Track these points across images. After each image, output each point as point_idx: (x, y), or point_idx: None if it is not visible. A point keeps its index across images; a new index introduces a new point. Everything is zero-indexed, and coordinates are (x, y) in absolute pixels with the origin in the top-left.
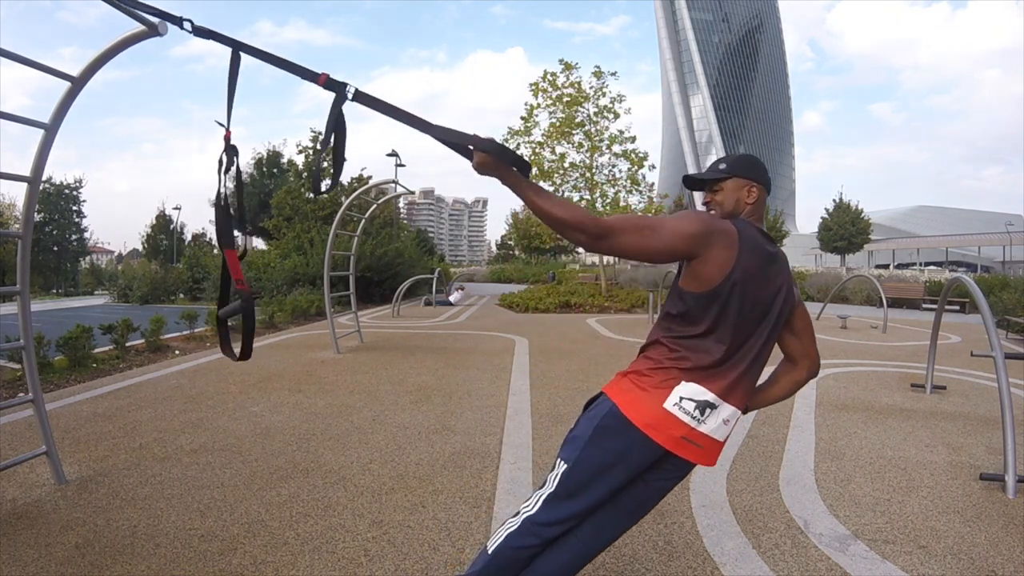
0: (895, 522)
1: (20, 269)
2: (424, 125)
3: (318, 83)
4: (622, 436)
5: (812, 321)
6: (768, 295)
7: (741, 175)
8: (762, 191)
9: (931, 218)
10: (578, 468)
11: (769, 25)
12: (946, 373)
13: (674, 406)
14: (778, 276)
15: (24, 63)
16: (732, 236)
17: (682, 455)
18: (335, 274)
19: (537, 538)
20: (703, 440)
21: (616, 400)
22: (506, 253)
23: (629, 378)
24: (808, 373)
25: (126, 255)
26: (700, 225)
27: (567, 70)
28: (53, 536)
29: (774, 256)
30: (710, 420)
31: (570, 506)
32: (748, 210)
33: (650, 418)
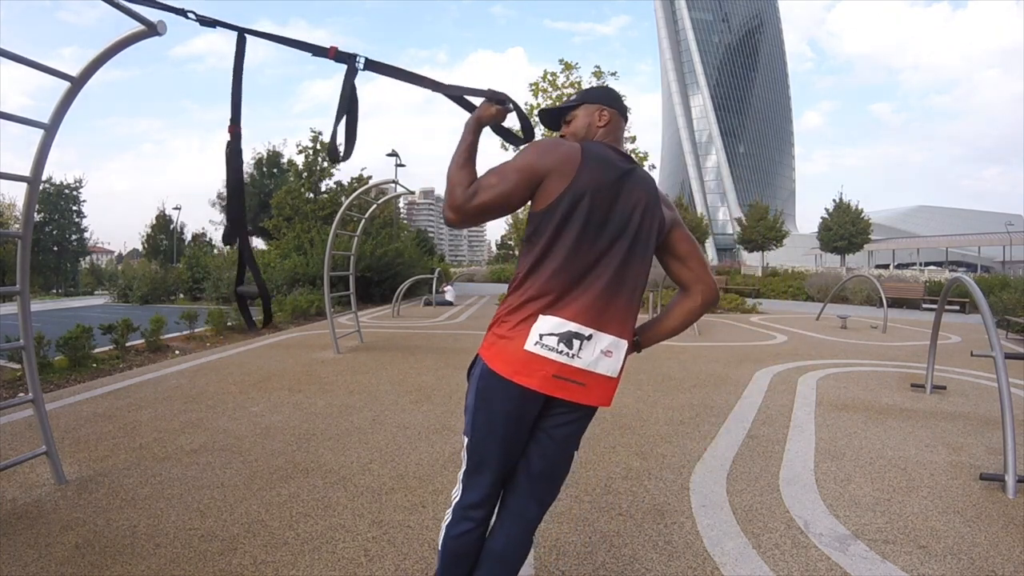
0: (895, 522)
1: (20, 269)
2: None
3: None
4: (498, 392)
5: (699, 246)
6: (621, 210)
7: (591, 101)
8: (614, 114)
9: (931, 218)
10: (475, 436)
11: (769, 25)
12: (946, 373)
13: (535, 345)
14: (635, 193)
15: (24, 63)
16: (573, 151)
17: (563, 396)
18: (335, 274)
19: (471, 521)
20: (582, 376)
21: (484, 357)
22: (506, 253)
23: (492, 331)
24: (703, 299)
25: (126, 255)
26: (538, 148)
27: (567, 70)
28: (53, 536)
29: (628, 172)
30: (584, 352)
31: (483, 478)
32: (600, 133)
33: (516, 364)
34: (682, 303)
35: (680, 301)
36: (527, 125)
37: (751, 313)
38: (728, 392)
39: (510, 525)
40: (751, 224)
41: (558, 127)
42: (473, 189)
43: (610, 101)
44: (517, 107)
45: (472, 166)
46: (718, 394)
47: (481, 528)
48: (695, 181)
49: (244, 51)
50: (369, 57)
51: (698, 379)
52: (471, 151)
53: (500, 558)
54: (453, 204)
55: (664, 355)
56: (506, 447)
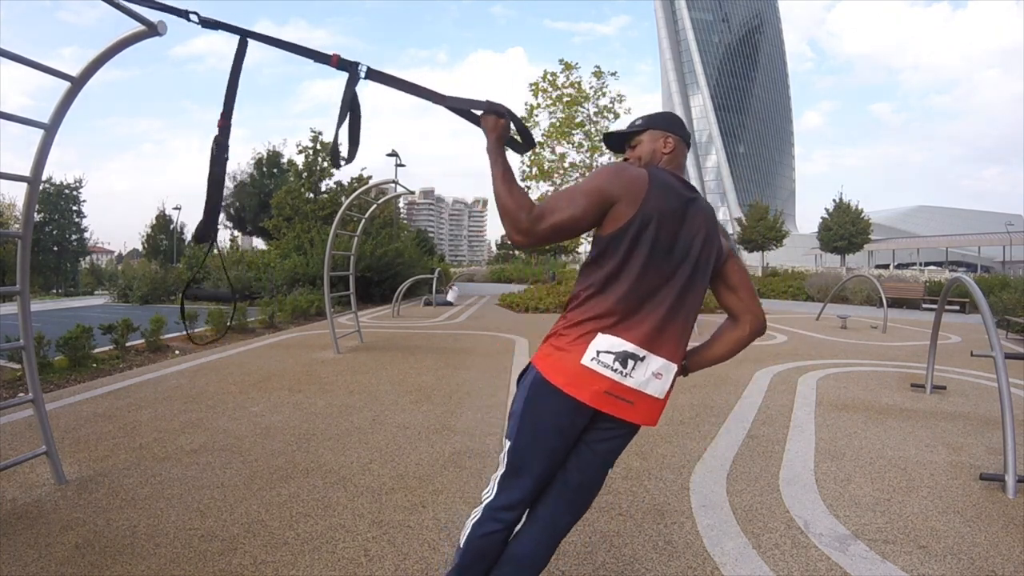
0: (895, 522)
1: (20, 269)
2: (437, 96)
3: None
4: (549, 401)
5: (750, 276)
6: (685, 237)
7: (656, 127)
8: (679, 142)
9: (931, 218)
10: (519, 442)
11: (769, 25)
12: (946, 373)
13: (592, 360)
14: (696, 219)
15: (24, 63)
16: (641, 177)
17: (611, 412)
18: (335, 274)
19: (500, 523)
20: (632, 395)
21: (539, 366)
22: (506, 253)
23: (549, 342)
24: (751, 330)
25: (126, 255)
26: (608, 173)
27: (567, 70)
28: (53, 536)
29: (691, 200)
30: (636, 373)
31: (521, 483)
32: (665, 159)
33: (571, 377)
34: (731, 332)
35: (729, 329)
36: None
37: None
38: (728, 392)
39: (539, 532)
40: (751, 224)
41: (622, 150)
42: (539, 211)
43: (675, 128)
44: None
45: (519, 186)
46: (718, 394)
47: (508, 531)
48: (695, 181)
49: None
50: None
51: (698, 379)
52: (510, 171)
53: (524, 564)
54: (521, 228)
55: None
56: (549, 456)
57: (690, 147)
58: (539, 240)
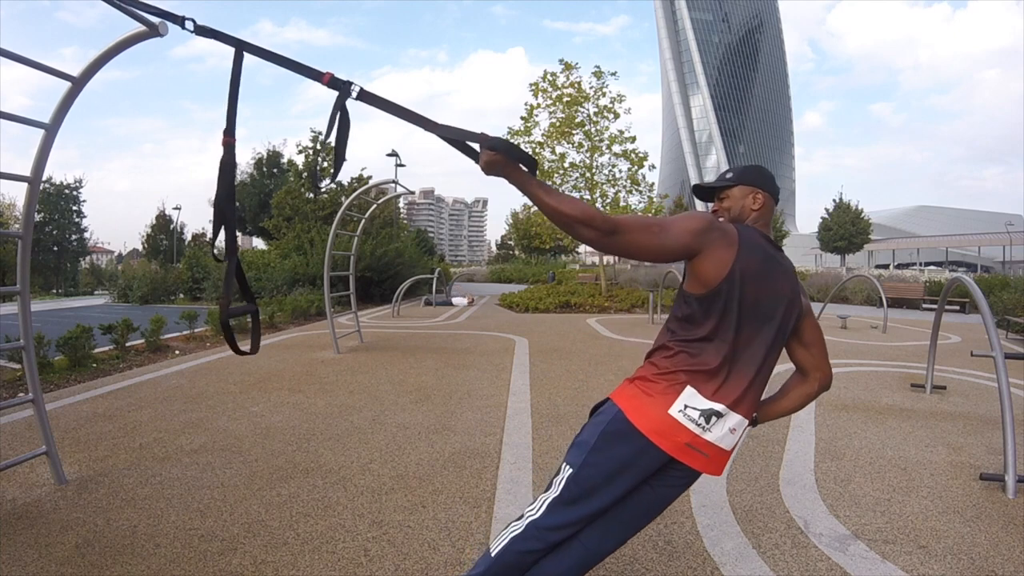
0: (895, 522)
1: (20, 269)
2: (429, 124)
3: (322, 82)
4: (628, 442)
5: (823, 335)
6: (772, 298)
7: (747, 183)
8: (768, 198)
9: (931, 218)
10: (583, 473)
11: (769, 25)
12: (946, 373)
13: (679, 413)
14: (783, 280)
15: (24, 63)
16: (732, 235)
17: (687, 462)
18: (335, 274)
19: (541, 542)
20: (708, 448)
21: (622, 406)
22: (506, 253)
23: (636, 384)
24: (820, 386)
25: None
26: (703, 222)
27: (567, 70)
28: (53, 536)
29: (778, 261)
30: (716, 428)
31: (574, 511)
32: (753, 216)
33: (655, 424)
34: (800, 387)
35: (798, 385)
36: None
37: None
38: None
39: (575, 557)
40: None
41: (711, 200)
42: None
43: (766, 185)
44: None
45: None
46: None
47: (544, 553)
48: (695, 181)
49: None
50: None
51: None
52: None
53: None
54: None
55: None
56: (612, 492)
57: (778, 202)
58: (617, 248)
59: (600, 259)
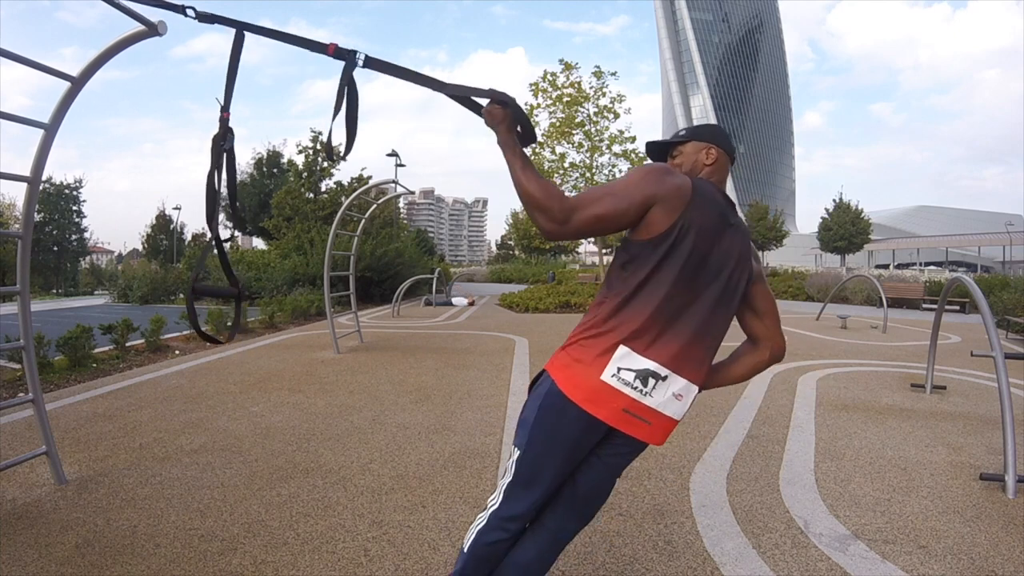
0: (895, 522)
1: (20, 269)
2: (437, 84)
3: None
4: (564, 414)
5: (777, 304)
6: (719, 256)
7: (700, 138)
8: (722, 154)
9: (931, 218)
10: (529, 452)
11: (769, 25)
12: (946, 373)
13: (612, 377)
14: (733, 241)
15: (24, 63)
16: (685, 186)
17: (627, 431)
18: (335, 274)
19: (505, 531)
20: (650, 415)
21: (555, 376)
22: (506, 253)
23: (567, 351)
24: (771, 356)
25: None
26: (653, 173)
27: (567, 70)
28: (53, 536)
29: (731, 219)
30: (657, 392)
31: (529, 494)
32: (707, 171)
33: (588, 392)
34: (751, 355)
35: (749, 352)
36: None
37: None
38: (728, 392)
39: (543, 541)
40: (751, 224)
41: (664, 159)
42: (576, 202)
43: (719, 140)
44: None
45: (542, 176)
46: (718, 394)
47: (513, 540)
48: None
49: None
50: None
51: None
52: (529, 161)
53: (527, 570)
54: (554, 217)
55: None
56: (560, 468)
57: (734, 161)
58: (574, 231)
59: (600, 259)
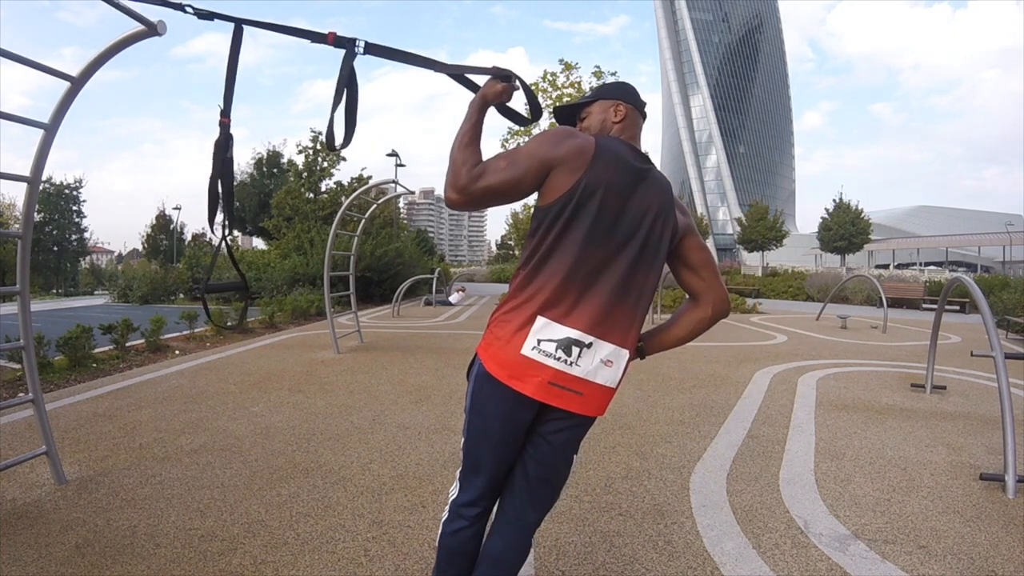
0: (895, 522)
1: (20, 269)
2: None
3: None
4: (492, 394)
5: (713, 256)
6: (633, 211)
7: (606, 96)
8: (631, 110)
9: (931, 218)
10: (470, 437)
11: (769, 25)
12: (946, 373)
13: (533, 350)
14: (648, 195)
15: (24, 63)
16: (587, 144)
17: (557, 404)
18: (335, 274)
19: (463, 519)
20: (580, 385)
21: (481, 357)
22: (506, 253)
23: (489, 329)
24: (714, 310)
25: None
26: (551, 136)
27: (567, 70)
28: (53, 536)
29: (642, 172)
30: (583, 361)
31: (478, 480)
32: (617, 128)
33: (511, 368)
34: (692, 312)
35: (690, 310)
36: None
37: (751, 313)
38: (728, 392)
39: (507, 529)
40: (751, 224)
41: (574, 124)
42: (479, 170)
43: (626, 96)
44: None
45: (477, 146)
46: (718, 394)
47: (475, 527)
48: (695, 181)
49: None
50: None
51: (698, 379)
52: (476, 131)
53: (497, 561)
54: (456, 185)
55: (664, 355)
56: (499, 450)
57: (645, 117)
58: (474, 199)
59: None
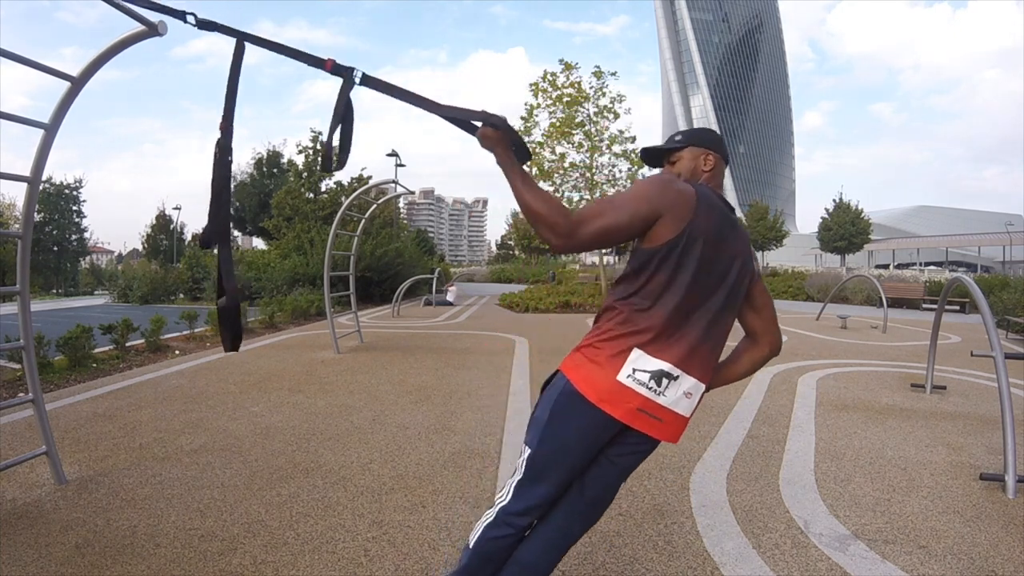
0: (895, 522)
1: (20, 269)
2: (431, 105)
3: (325, 69)
4: (578, 413)
5: (773, 299)
6: (725, 259)
7: (697, 144)
8: (719, 159)
9: (931, 218)
10: (540, 450)
11: (769, 25)
12: (946, 373)
13: (628, 378)
14: (736, 242)
15: (24, 63)
16: (688, 194)
17: (641, 429)
18: (335, 274)
19: (511, 527)
20: (663, 413)
21: (570, 376)
22: (506, 253)
23: (582, 352)
24: (769, 351)
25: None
26: (656, 184)
27: (567, 70)
28: (53, 536)
29: (733, 222)
30: (669, 392)
31: (538, 492)
32: (705, 177)
33: (604, 392)
34: (750, 351)
35: (748, 349)
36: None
37: None
38: (728, 392)
39: (547, 540)
40: (751, 224)
41: (660, 165)
42: (581, 215)
43: (716, 146)
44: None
45: (544, 190)
46: (718, 394)
47: (519, 536)
48: None
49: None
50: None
51: None
52: (526, 176)
53: (528, 568)
54: (560, 231)
55: None
56: (571, 466)
57: (728, 164)
58: (580, 245)
59: (600, 259)
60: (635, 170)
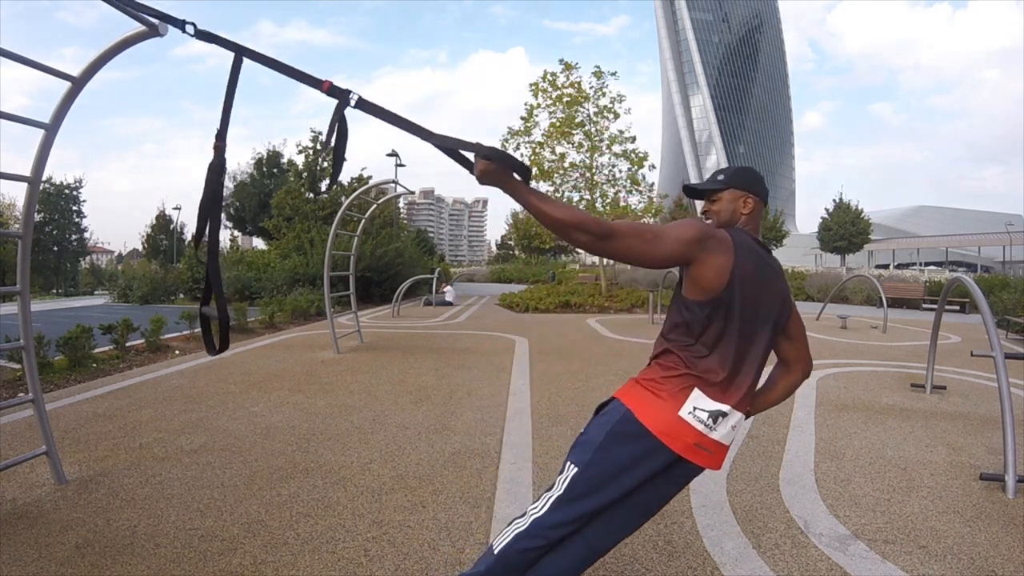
0: (895, 522)
1: (20, 269)
2: (425, 133)
3: (322, 90)
4: (637, 441)
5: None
6: (768, 300)
7: (737, 187)
8: (758, 203)
9: (931, 218)
10: (589, 471)
11: (769, 25)
12: (946, 373)
13: (688, 414)
14: (776, 281)
15: (24, 63)
16: (727, 242)
17: (695, 461)
18: (335, 274)
19: (544, 539)
20: (714, 446)
21: (631, 406)
22: (506, 253)
23: (643, 384)
24: (803, 375)
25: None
26: (697, 231)
27: (567, 70)
28: (53, 536)
29: (769, 263)
30: (720, 427)
31: (577, 508)
32: (743, 220)
33: (665, 425)
34: (785, 377)
35: (783, 376)
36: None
37: None
38: None
39: (577, 555)
40: None
41: (701, 198)
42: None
43: (756, 188)
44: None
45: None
46: None
47: (545, 551)
48: (695, 181)
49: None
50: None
51: None
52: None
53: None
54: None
55: None
56: (618, 491)
57: (767, 204)
58: (610, 251)
59: (600, 260)
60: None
